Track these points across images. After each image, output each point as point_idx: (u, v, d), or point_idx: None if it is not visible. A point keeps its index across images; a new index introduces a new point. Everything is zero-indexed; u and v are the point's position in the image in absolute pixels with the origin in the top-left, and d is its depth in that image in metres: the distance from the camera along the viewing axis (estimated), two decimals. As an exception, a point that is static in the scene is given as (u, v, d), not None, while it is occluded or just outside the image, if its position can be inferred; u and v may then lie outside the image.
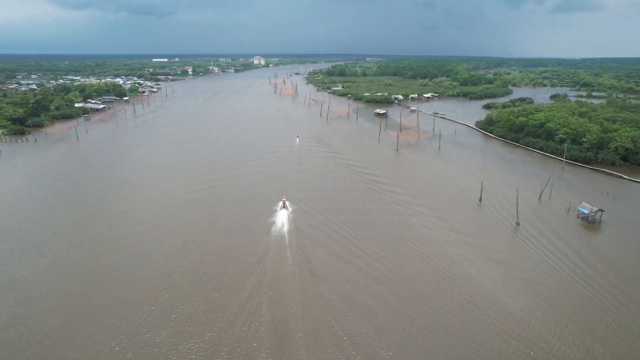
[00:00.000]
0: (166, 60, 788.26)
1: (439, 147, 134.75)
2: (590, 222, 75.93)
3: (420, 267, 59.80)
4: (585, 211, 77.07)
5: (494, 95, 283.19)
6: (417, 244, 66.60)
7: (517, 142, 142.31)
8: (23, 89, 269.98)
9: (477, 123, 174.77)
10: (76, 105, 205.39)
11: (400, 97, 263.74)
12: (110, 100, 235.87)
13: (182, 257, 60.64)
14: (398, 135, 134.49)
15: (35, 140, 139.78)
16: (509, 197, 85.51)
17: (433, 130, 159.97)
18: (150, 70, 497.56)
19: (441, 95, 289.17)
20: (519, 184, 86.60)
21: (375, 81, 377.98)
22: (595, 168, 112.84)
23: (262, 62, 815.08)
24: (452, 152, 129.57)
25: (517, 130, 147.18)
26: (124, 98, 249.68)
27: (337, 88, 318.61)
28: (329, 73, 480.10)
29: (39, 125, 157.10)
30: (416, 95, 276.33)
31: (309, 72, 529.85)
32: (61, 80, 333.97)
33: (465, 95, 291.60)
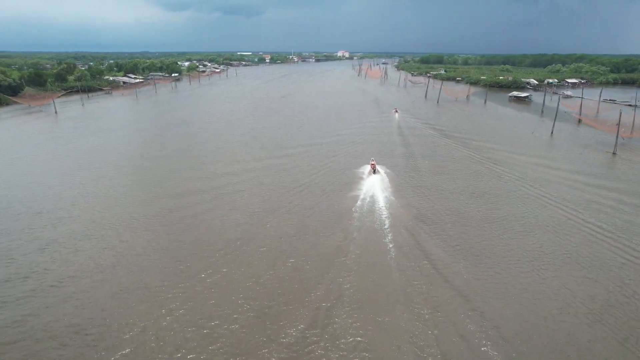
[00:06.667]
0: (250, 53, 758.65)
1: None
2: None
3: None
4: None
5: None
6: None
7: None
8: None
9: None
10: (110, 78, 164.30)
11: (534, 81, 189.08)
12: (154, 76, 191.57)
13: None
14: (617, 133, 64.71)
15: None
16: None
17: (633, 123, 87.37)
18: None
19: (590, 81, 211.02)
20: None
21: (484, 68, 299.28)
22: None
23: (346, 54, 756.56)
24: None
25: None
26: (173, 74, 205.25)
27: (439, 72, 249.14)
28: (423, 60, 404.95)
29: (14, 95, 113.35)
30: (556, 80, 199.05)
31: (399, 60, 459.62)
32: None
33: (627, 82, 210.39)
